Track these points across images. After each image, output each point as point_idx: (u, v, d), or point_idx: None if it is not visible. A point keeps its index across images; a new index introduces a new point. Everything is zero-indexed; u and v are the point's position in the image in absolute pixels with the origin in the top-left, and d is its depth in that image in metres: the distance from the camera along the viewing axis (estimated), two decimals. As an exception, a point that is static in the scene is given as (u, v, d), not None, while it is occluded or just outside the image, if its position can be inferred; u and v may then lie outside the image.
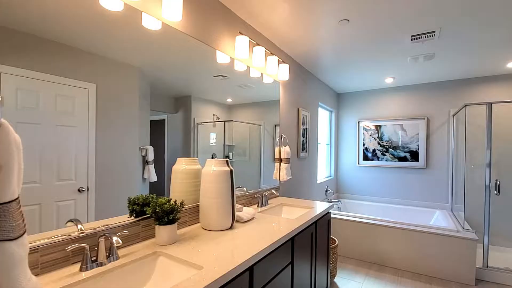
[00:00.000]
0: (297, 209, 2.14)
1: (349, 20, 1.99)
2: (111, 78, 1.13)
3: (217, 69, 1.75)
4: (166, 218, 1.18)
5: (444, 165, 3.64)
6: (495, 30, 2.12)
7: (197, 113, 1.61)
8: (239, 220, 1.59)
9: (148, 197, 1.28)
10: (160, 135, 1.38)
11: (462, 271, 2.52)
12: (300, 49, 2.59)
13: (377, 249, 2.93)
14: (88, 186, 1.06)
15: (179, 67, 1.47)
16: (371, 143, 4.14)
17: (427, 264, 2.67)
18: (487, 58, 2.75)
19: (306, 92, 3.18)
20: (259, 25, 2.10)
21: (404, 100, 3.92)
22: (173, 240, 1.22)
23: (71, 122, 1.00)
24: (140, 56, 1.25)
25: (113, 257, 1.02)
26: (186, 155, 1.54)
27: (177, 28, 1.45)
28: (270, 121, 2.39)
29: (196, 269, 1.00)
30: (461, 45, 2.42)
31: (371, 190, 4.17)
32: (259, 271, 1.16)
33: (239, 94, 1.98)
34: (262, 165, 2.29)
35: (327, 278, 2.14)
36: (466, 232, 2.61)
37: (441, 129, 3.67)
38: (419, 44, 2.43)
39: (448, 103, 3.62)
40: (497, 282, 2.51)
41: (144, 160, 1.28)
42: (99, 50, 1.08)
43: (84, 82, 1.04)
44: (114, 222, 1.13)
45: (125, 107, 1.19)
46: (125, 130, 1.19)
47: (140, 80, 1.25)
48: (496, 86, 3.33)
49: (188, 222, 1.50)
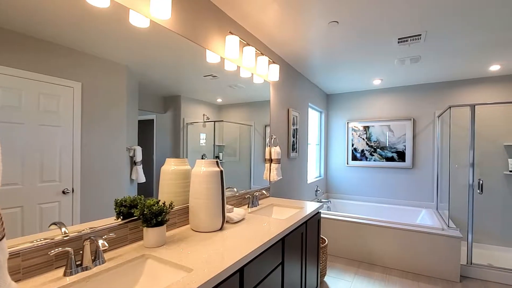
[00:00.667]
0: (288, 210, 2.15)
1: (338, 22, 2.02)
2: (97, 77, 1.10)
3: (207, 68, 1.73)
4: (154, 220, 1.16)
5: (430, 165, 3.74)
6: (477, 35, 2.19)
7: (186, 113, 1.59)
8: (229, 221, 1.58)
9: (136, 198, 1.25)
10: (148, 135, 1.35)
11: (447, 268, 2.59)
12: (290, 50, 2.61)
13: (366, 248, 2.97)
14: (73, 188, 1.02)
15: (168, 66, 1.45)
16: (360, 143, 4.21)
17: (414, 262, 2.73)
18: (470, 61, 2.84)
19: (296, 92, 3.20)
20: (250, 25, 2.10)
21: (392, 102, 4.00)
22: (162, 242, 1.20)
23: (55, 122, 0.97)
24: (127, 54, 1.22)
25: (99, 260, 0.99)
26: (176, 155, 1.51)
27: (166, 26, 1.42)
28: (260, 122, 2.39)
29: (186, 272, 0.99)
30: (445, 48, 2.49)
31: (360, 190, 4.23)
32: (249, 272, 1.16)
33: (229, 94, 1.97)
34: (253, 166, 2.28)
35: (317, 278, 2.15)
36: (451, 230, 2.69)
37: (427, 130, 3.76)
38: (405, 47, 2.48)
39: (433, 105, 3.72)
40: (481, 279, 2.59)
41: (132, 160, 1.26)
42: (84, 47, 1.05)
43: (69, 81, 1.01)
44: (100, 225, 1.10)
45: (112, 106, 1.16)
46: (112, 130, 1.16)
47: (128, 79, 1.23)
48: (479, 88, 3.45)
49: (178, 223, 1.48)
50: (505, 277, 2.51)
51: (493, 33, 2.16)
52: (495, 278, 2.54)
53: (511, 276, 2.48)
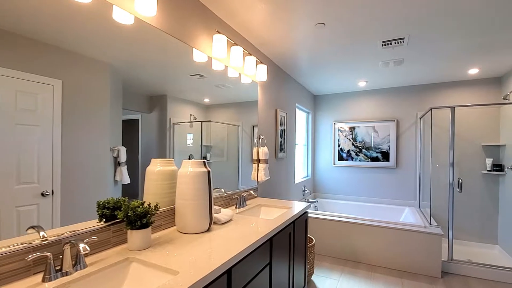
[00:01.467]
0: (275, 210, 2.15)
1: (325, 23, 2.04)
2: (79, 74, 1.06)
3: (194, 68, 1.71)
4: (139, 222, 1.13)
5: (412, 164, 3.85)
6: (457, 39, 2.28)
7: (173, 112, 1.56)
8: (216, 222, 1.56)
9: (120, 200, 1.22)
10: (133, 135, 1.32)
11: (429, 265, 2.68)
12: (278, 51, 2.62)
13: (352, 246, 3.02)
14: (52, 190, 0.98)
15: (154, 64, 1.42)
16: (346, 144, 4.28)
17: (398, 259, 2.81)
18: (450, 64, 2.95)
19: (284, 93, 3.22)
20: (237, 24, 2.09)
21: (376, 103, 4.10)
22: (147, 245, 1.17)
23: (34, 121, 0.93)
24: (111, 52, 1.19)
25: (80, 265, 0.95)
26: (162, 156, 1.48)
27: (151, 23, 1.39)
28: (248, 122, 2.38)
29: (172, 275, 0.97)
30: (427, 52, 2.57)
31: (346, 189, 4.30)
32: (237, 274, 1.15)
33: (217, 94, 1.95)
34: (240, 166, 2.28)
35: (304, 277, 2.17)
36: (433, 227, 2.77)
37: (409, 130, 3.88)
38: (389, 50, 2.55)
39: (416, 106, 3.84)
40: (461, 274, 2.69)
41: (116, 161, 1.22)
42: (65, 44, 1.01)
43: (48, 78, 0.97)
44: (81, 228, 1.06)
45: (94, 105, 1.12)
46: (94, 130, 1.12)
47: (111, 77, 1.19)
48: (459, 91, 3.59)
49: (163, 225, 1.45)
50: (483, 272, 2.61)
51: (471, 38, 2.25)
52: (474, 274, 2.64)
53: (489, 271, 2.60)
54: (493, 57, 2.69)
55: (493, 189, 3.38)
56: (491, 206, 3.39)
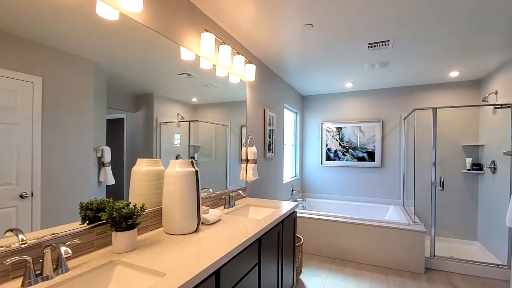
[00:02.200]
0: (264, 209, 2.15)
1: (313, 25, 2.06)
2: (61, 72, 1.02)
3: (182, 66, 1.69)
4: (124, 223, 1.10)
5: (397, 164, 3.96)
6: (439, 43, 2.36)
7: (160, 112, 1.53)
8: (205, 223, 1.55)
9: (104, 201, 1.18)
10: (118, 135, 1.29)
11: (413, 261, 2.75)
12: (266, 51, 2.62)
13: (339, 244, 3.07)
14: (32, 191, 0.94)
15: (140, 62, 1.39)
16: (333, 144, 4.34)
17: (383, 256, 2.87)
18: (432, 67, 3.04)
19: (272, 93, 3.23)
20: (226, 23, 2.08)
21: (362, 104, 4.18)
22: (133, 247, 1.14)
23: (12, 119, 0.89)
24: (95, 48, 1.15)
25: (62, 269, 0.92)
26: (148, 156, 1.45)
27: (137, 20, 1.36)
28: (236, 122, 2.37)
29: (159, 277, 0.95)
30: (411, 54, 2.65)
31: (334, 189, 4.37)
32: (226, 274, 1.14)
33: (205, 94, 1.93)
34: (229, 166, 2.26)
35: (293, 276, 2.18)
36: (416, 225, 2.85)
37: (394, 131, 3.98)
38: (375, 52, 2.60)
39: (400, 108, 3.95)
40: (443, 270, 2.78)
41: (100, 161, 1.18)
42: (45, 39, 0.97)
43: (28, 75, 0.93)
44: (63, 230, 1.02)
45: (77, 103, 1.08)
46: (77, 129, 1.08)
47: (95, 75, 1.16)
48: (440, 93, 3.71)
49: (150, 226, 1.42)
50: (464, 268, 2.71)
51: (452, 42, 2.33)
52: (456, 269, 2.74)
53: (470, 266, 2.70)
54: (472, 60, 2.80)
55: (473, 188, 3.52)
56: (471, 204, 3.53)
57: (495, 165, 3.00)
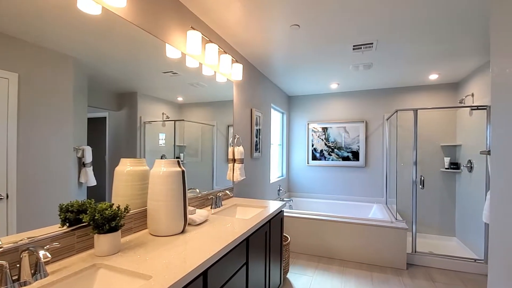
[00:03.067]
0: (251, 209, 2.15)
1: (299, 25, 2.08)
2: (38, 68, 0.97)
3: (167, 64, 1.66)
4: (107, 225, 1.06)
5: (380, 163, 4.06)
6: (419, 46, 2.44)
7: (144, 111, 1.49)
8: (191, 223, 1.52)
9: (85, 203, 1.14)
10: (100, 134, 1.24)
11: (395, 258, 2.83)
12: (253, 51, 2.62)
13: (325, 243, 3.11)
14: (7, 193, 0.89)
15: (124, 60, 1.35)
16: (319, 144, 4.40)
17: (368, 254, 2.94)
18: (413, 70, 3.15)
19: (259, 93, 3.23)
20: (213, 22, 2.06)
21: (347, 105, 4.27)
22: (116, 250, 1.10)
23: (-17, 117, 0.83)
24: (76, 44, 1.10)
25: (40, 274, 0.87)
26: (131, 156, 1.41)
27: (121, 15, 1.32)
28: (223, 122, 2.36)
29: (144, 280, 0.92)
30: (393, 57, 2.73)
31: (320, 188, 4.43)
32: (213, 275, 1.12)
33: (191, 93, 1.91)
34: (215, 166, 2.24)
35: (280, 275, 2.19)
36: (398, 222, 2.94)
37: (377, 131, 4.09)
38: (359, 54, 2.66)
39: (383, 109, 4.06)
40: (424, 265, 2.88)
41: (81, 162, 1.14)
42: (22, 34, 0.92)
43: (3, 71, 0.88)
44: (41, 234, 0.97)
45: (56, 101, 1.04)
46: (56, 128, 1.04)
47: (75, 71, 1.11)
48: (421, 94, 3.85)
49: (134, 228, 1.38)
50: (443, 263, 2.82)
51: (431, 45, 2.42)
52: (436, 264, 2.85)
53: (449, 261, 2.81)
54: (450, 64, 2.92)
55: (451, 186, 3.67)
56: (449, 201, 3.68)
57: (471, 164, 3.14)
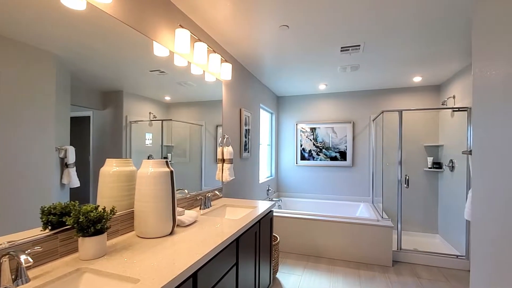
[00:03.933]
0: (241, 210, 2.14)
1: (288, 26, 2.09)
2: (18, 65, 0.93)
3: (154, 62, 1.62)
4: (92, 228, 1.03)
5: (366, 163, 4.15)
6: (404, 50, 2.51)
7: (130, 110, 1.45)
8: (180, 225, 1.50)
9: (69, 205, 1.09)
10: (83, 134, 1.20)
11: (382, 255, 2.90)
12: (243, 50, 2.61)
13: (314, 242, 3.14)
14: (-17, 196, 0.84)
15: (109, 57, 1.31)
16: (308, 144, 4.44)
17: (355, 252, 2.99)
18: (398, 72, 3.23)
19: (248, 93, 3.22)
20: (201, 20, 2.03)
21: (335, 105, 4.33)
22: (102, 253, 1.06)
23: (-43, 115, 0.79)
24: (58, 40, 1.06)
25: (22, 279, 0.83)
26: (117, 156, 1.37)
27: (106, 11, 1.28)
28: (211, 122, 2.33)
29: (132, 283, 0.89)
30: (379, 59, 2.79)
31: (308, 188, 4.46)
32: (203, 277, 1.11)
33: (179, 92, 1.87)
34: (204, 166, 2.22)
35: (270, 275, 2.19)
36: (384, 220, 3.01)
37: (364, 132, 4.17)
38: (347, 55, 2.70)
39: (369, 109, 4.15)
40: (409, 262, 2.96)
41: (63, 162, 1.09)
42: (0, 29, 0.88)
43: (-23, 66, 0.83)
44: (22, 237, 0.93)
45: (36, 99, 0.99)
46: (36, 127, 0.99)
47: (57, 69, 1.06)
48: (406, 96, 3.96)
49: (121, 230, 1.34)
50: (427, 259, 2.91)
51: (415, 48, 2.49)
52: (420, 261, 2.93)
53: (432, 258, 2.90)
54: (433, 66, 3.02)
55: (434, 184, 3.79)
56: (432, 200, 3.79)
57: (453, 164, 3.25)
